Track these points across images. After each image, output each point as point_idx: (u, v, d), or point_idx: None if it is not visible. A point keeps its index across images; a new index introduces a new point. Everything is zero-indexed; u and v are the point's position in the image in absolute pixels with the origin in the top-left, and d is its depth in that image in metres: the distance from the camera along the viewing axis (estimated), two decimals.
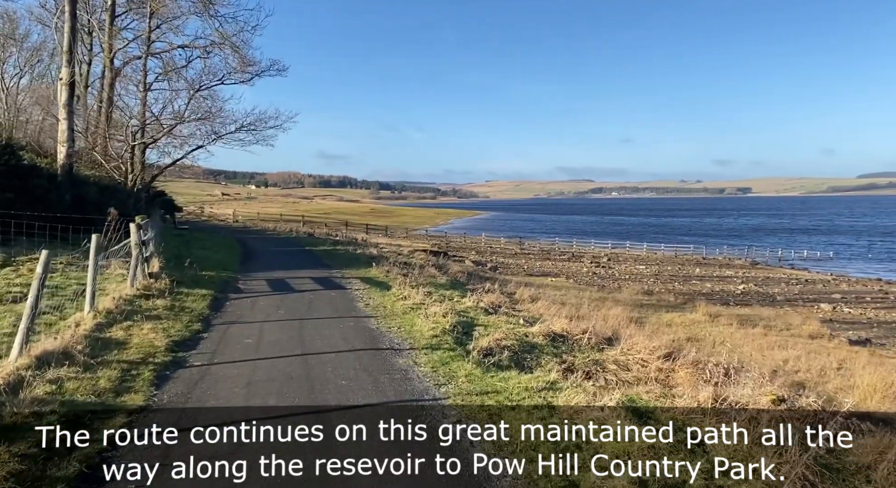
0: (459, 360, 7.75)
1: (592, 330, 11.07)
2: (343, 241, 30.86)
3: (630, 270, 45.67)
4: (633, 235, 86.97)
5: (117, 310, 8.51)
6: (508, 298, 15.23)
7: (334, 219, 77.69)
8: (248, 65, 21.54)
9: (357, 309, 11.04)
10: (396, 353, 7.88)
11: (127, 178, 19.77)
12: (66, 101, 16.84)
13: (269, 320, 9.59)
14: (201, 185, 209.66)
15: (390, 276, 15.71)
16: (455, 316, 10.29)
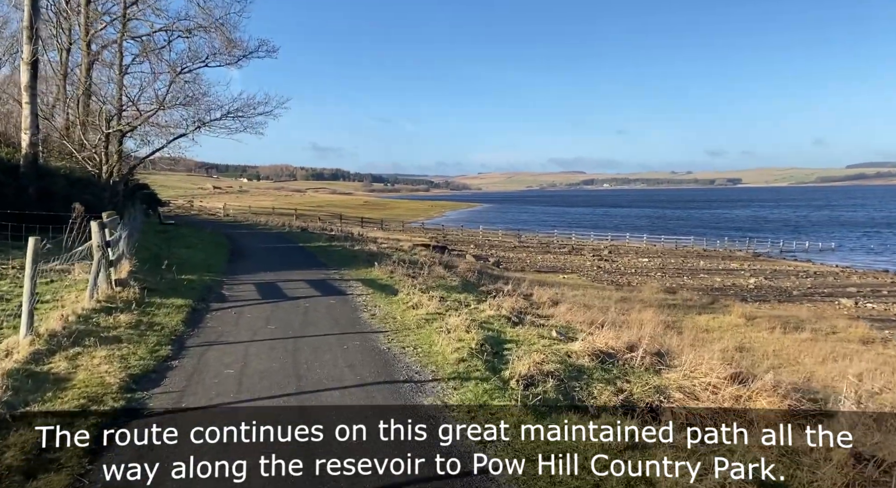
0: (499, 397, 6.11)
1: (638, 343, 9.50)
2: (339, 237, 29.06)
3: (634, 263, 44.23)
4: (628, 227, 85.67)
5: (65, 331, 6.78)
6: (528, 302, 13.60)
7: (328, 213, 75.65)
8: (234, 46, 19.72)
9: (362, 321, 9.35)
10: (418, 388, 6.21)
11: (101, 170, 17.94)
12: (29, 83, 14.97)
13: (257, 339, 7.89)
14: (193, 179, 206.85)
15: (395, 278, 14.03)
16: (479, 329, 8.65)
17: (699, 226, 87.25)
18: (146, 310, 8.85)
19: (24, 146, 14.98)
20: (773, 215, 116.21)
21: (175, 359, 6.78)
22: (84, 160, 18.05)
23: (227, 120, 20.18)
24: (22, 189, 14.65)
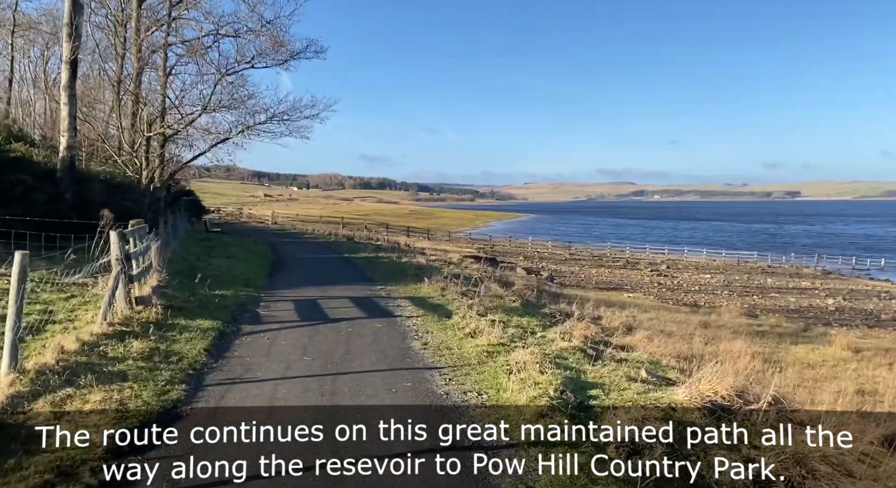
0: (600, 477, 4.55)
1: (748, 388, 7.76)
2: (385, 247, 27.91)
3: (696, 280, 41.58)
4: (683, 240, 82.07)
5: (59, 366, 5.60)
6: (598, 327, 11.94)
7: (374, 221, 75.25)
8: (282, 45, 18.81)
9: (412, 352, 7.93)
10: (492, 456, 4.72)
11: (142, 175, 17.24)
12: (68, 83, 14.30)
13: (289, 376, 6.55)
14: (245, 186, 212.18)
15: (447, 296, 12.60)
16: (553, 368, 7.10)
17: (759, 241, 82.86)
18: (166, 334, 7.66)
19: (62, 149, 14.29)
20: (840, 230, 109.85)
21: (187, 405, 5.49)
22: (124, 164, 17.39)
23: (272, 124, 19.31)
24: (58, 195, 13.93)
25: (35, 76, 33.74)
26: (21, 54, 34.62)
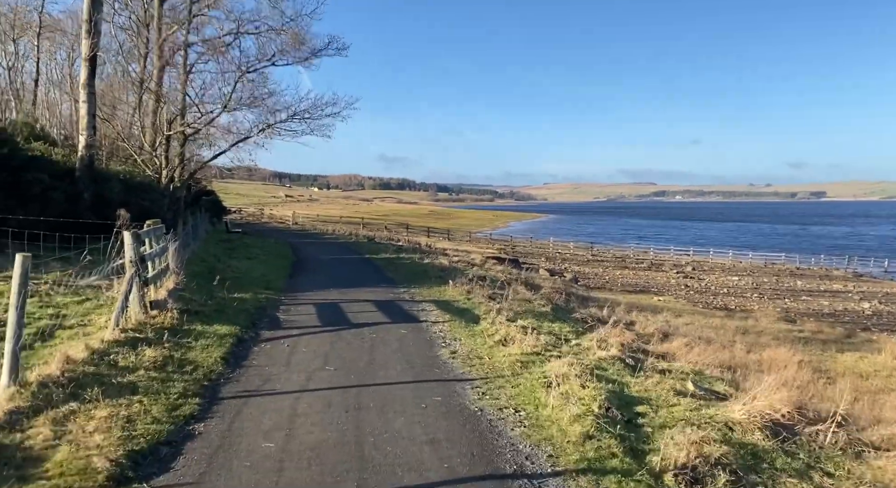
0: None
1: (807, 403, 7.14)
2: (406, 248, 27.46)
3: (723, 282, 40.51)
4: (707, 241, 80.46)
5: (63, 377, 5.19)
6: (633, 333, 11.32)
7: (394, 222, 75.00)
8: (303, 42, 18.41)
9: (441, 361, 7.42)
10: (537, 485, 4.19)
11: (161, 174, 16.97)
12: (87, 80, 14.04)
13: (310, 388, 6.08)
14: (266, 187, 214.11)
15: (473, 300, 12.08)
16: (594, 381, 6.53)
17: (786, 243, 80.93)
18: (181, 341, 7.24)
19: (80, 148, 14.05)
20: (868, 231, 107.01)
21: (200, 422, 5.04)
22: (143, 163, 17.13)
23: (294, 122, 18.91)
24: (76, 194, 13.67)
25: (61, 78, 33.98)
26: (48, 56, 34.92)
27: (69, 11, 32.27)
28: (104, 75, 26.83)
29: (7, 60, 32.82)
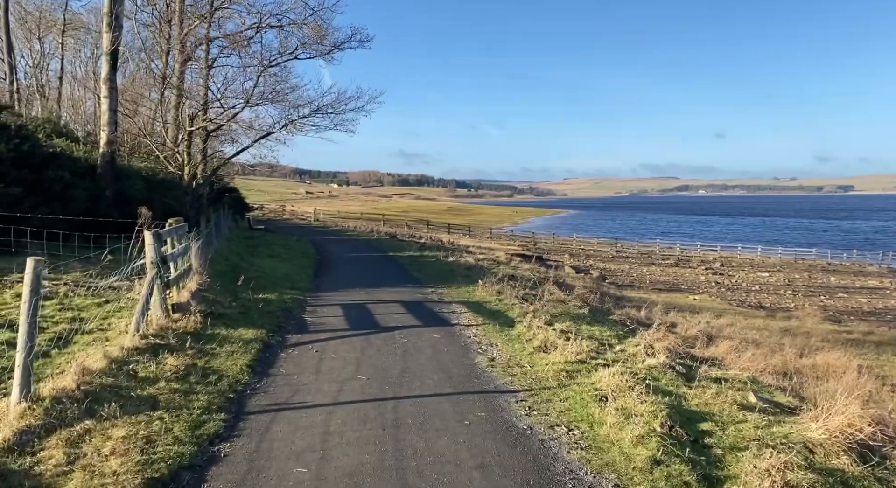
0: None
1: (888, 418, 6.50)
2: (429, 245, 26.99)
3: (754, 278, 39.41)
4: (733, 237, 78.82)
5: (79, 391, 4.79)
6: (676, 336, 10.70)
7: (413, 218, 74.65)
8: (326, 34, 17.97)
9: (479, 369, 6.91)
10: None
11: (184, 171, 16.69)
12: (108, 74, 13.77)
13: (343, 400, 5.62)
14: (287, 184, 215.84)
15: (505, 301, 11.56)
16: (649, 394, 5.97)
17: (815, 238, 78.92)
18: (205, 347, 6.84)
19: (102, 144, 13.78)
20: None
21: (226, 442, 4.60)
22: (166, 160, 16.87)
23: (316, 117, 18.51)
24: (98, 192, 13.41)
25: (85, 75, 34.10)
26: (73, 54, 35.09)
27: (93, 9, 32.30)
28: (127, 72, 26.78)
29: (33, 58, 33.04)
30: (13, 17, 30.46)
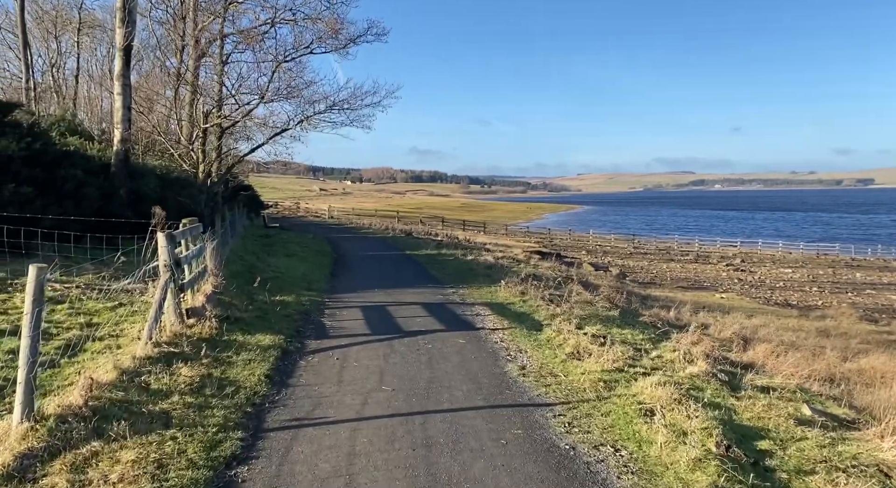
0: None
1: None
2: (446, 243, 26.59)
3: (776, 275, 38.58)
4: (752, 232, 77.48)
5: (87, 408, 4.44)
6: (711, 339, 10.19)
7: (427, 215, 74.22)
8: (342, 27, 17.55)
9: (510, 379, 6.49)
10: None
11: (198, 169, 16.43)
12: (122, 71, 13.48)
13: (367, 415, 5.23)
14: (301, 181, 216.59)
15: (529, 302, 11.12)
16: (696, 406, 5.51)
17: (837, 233, 77.33)
18: (221, 355, 6.48)
19: (116, 142, 13.51)
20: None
21: (243, 464, 4.23)
22: (180, 158, 16.61)
23: (332, 113, 18.16)
24: (112, 191, 13.15)
25: (101, 74, 34.04)
26: (89, 53, 35.05)
27: (108, 7, 32.21)
28: (142, 71, 26.61)
29: (50, 57, 33.03)
30: (30, 17, 30.45)
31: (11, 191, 9.44)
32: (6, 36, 33.86)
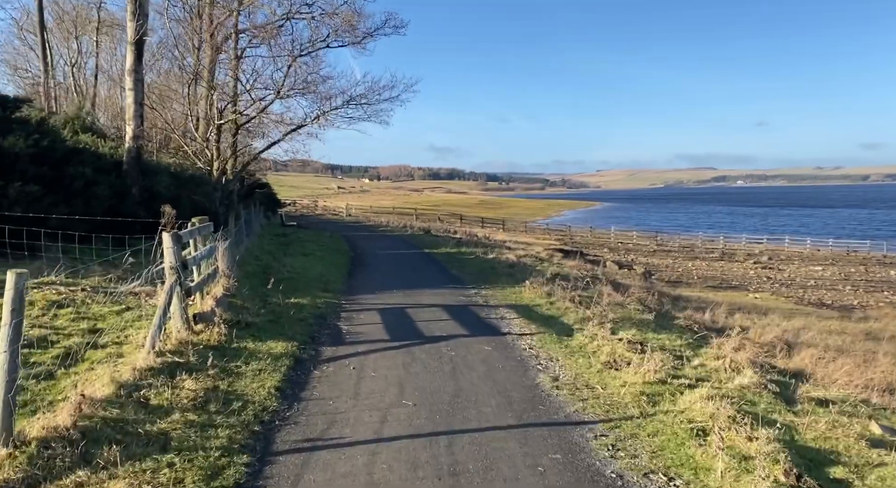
0: None
1: None
2: (466, 241, 26.04)
3: (806, 273, 37.39)
4: (778, 228, 75.65)
5: (75, 429, 3.98)
6: (750, 343, 9.52)
7: (445, 212, 73.67)
8: (360, 18, 17.04)
9: (543, 394, 5.93)
10: None
11: (213, 166, 16.08)
12: (133, 65, 13.15)
13: (387, 436, 4.71)
14: (319, 179, 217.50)
15: (557, 304, 10.53)
16: (756, 426, 4.90)
17: (866, 230, 75.14)
18: (229, 365, 6.01)
19: (128, 139, 13.19)
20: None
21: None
22: (194, 155, 16.28)
23: (349, 108, 17.69)
24: (124, 189, 12.82)
25: (120, 73, 34.03)
26: (109, 53, 35.08)
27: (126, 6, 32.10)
28: (161, 70, 26.42)
29: (71, 57, 33.08)
30: (51, 17, 30.50)
31: (18, 189, 9.10)
32: (28, 37, 34.07)
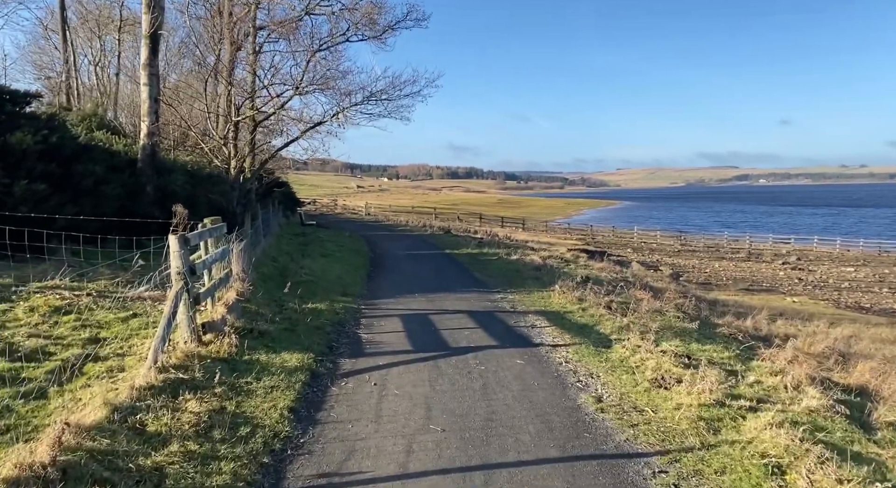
0: None
1: None
2: (487, 241, 25.38)
3: (838, 274, 36.10)
4: (803, 228, 73.70)
5: (54, 467, 3.43)
6: (801, 354, 8.76)
7: (464, 211, 72.98)
8: (377, 15, 16.46)
9: (587, 419, 5.28)
10: None
11: (230, 165, 15.65)
12: (148, 60, 12.72)
13: (412, 472, 4.11)
14: (339, 178, 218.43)
15: (590, 311, 9.85)
16: (844, 464, 4.22)
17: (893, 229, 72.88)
18: (238, 382, 5.46)
19: (142, 136, 12.77)
20: None
21: None
22: (211, 152, 15.87)
23: (369, 104, 17.15)
24: (139, 187, 12.39)
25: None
26: (131, 52, 35.02)
27: None
28: (184, 70, 26.14)
29: (94, 56, 33.06)
30: (75, 16, 30.42)
31: (24, 188, 8.68)
32: (53, 37, 34.14)
